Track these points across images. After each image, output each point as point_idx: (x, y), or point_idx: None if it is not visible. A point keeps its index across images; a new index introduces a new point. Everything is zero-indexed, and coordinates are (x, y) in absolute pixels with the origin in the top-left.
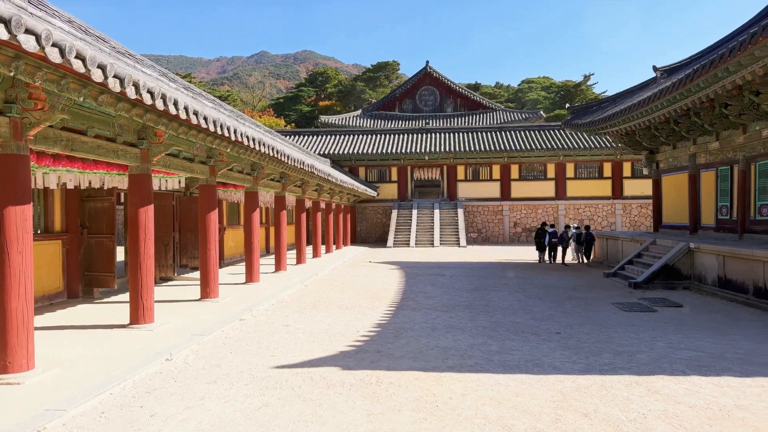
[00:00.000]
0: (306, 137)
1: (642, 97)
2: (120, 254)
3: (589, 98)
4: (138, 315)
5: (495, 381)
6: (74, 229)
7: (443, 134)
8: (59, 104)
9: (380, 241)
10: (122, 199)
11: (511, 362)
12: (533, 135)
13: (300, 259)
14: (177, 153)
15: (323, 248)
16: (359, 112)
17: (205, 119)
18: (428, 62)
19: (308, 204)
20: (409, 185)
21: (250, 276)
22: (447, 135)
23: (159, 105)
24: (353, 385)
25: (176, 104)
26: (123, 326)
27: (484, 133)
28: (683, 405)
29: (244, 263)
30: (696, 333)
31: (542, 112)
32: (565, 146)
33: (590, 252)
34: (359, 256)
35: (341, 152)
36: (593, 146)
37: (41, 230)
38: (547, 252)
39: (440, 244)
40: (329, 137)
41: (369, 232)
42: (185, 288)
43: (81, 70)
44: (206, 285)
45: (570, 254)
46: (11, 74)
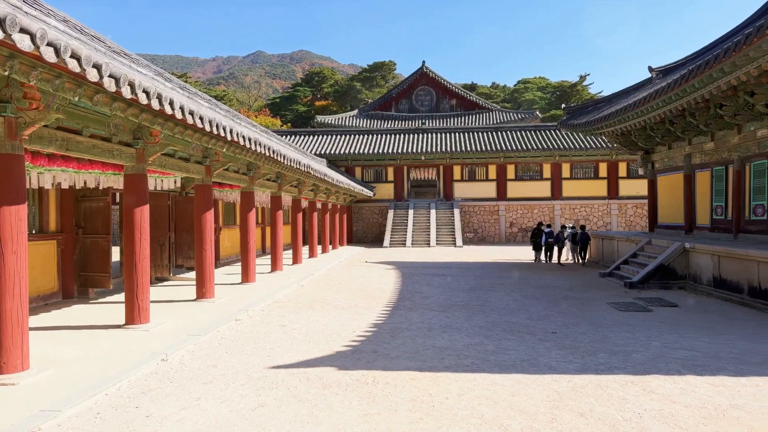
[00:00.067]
0: (302, 137)
1: (637, 98)
2: (115, 254)
3: (585, 98)
4: (133, 315)
5: (491, 381)
6: (69, 229)
7: (439, 134)
8: (54, 104)
9: (376, 241)
10: (118, 199)
11: (508, 362)
12: (529, 135)
13: (296, 259)
14: (173, 153)
15: (319, 248)
16: (355, 112)
17: (201, 119)
18: (424, 62)
19: (304, 204)
20: (406, 185)
21: (246, 276)
22: (443, 135)
23: (155, 105)
24: (349, 385)
25: (172, 104)
26: (118, 326)
27: (481, 134)
28: (679, 404)
29: (240, 263)
30: (691, 333)
31: (538, 113)
32: (561, 146)
33: (585, 252)
34: (355, 256)
35: (337, 152)
36: (589, 146)
37: (36, 230)
38: (544, 252)
39: (436, 244)
40: (325, 137)
41: (365, 232)
42: (181, 288)
43: (76, 70)
44: (202, 285)
45: (565, 254)
46: (6, 74)
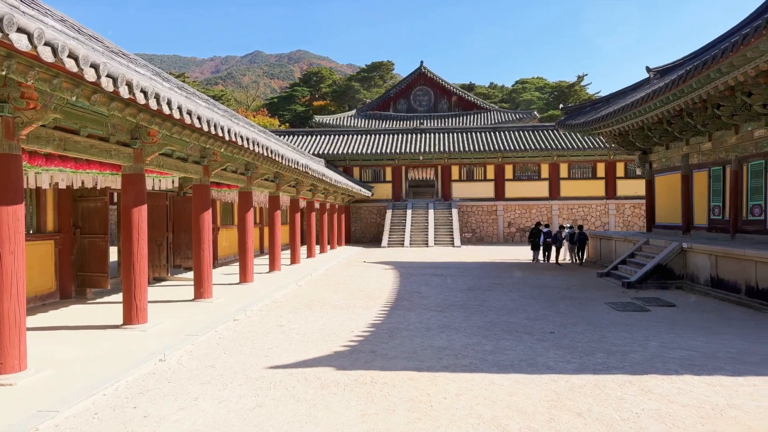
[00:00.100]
0: (300, 137)
1: (635, 98)
2: (113, 254)
3: (583, 99)
4: (131, 315)
5: (489, 381)
6: (67, 229)
7: (437, 134)
8: (52, 103)
9: (375, 241)
10: (115, 199)
11: (506, 362)
12: (527, 135)
13: (294, 259)
14: (170, 153)
15: (317, 248)
16: (353, 112)
17: (199, 119)
18: (422, 62)
19: (302, 204)
20: (404, 185)
21: (244, 276)
22: (441, 135)
23: (152, 104)
24: (347, 386)
25: (170, 104)
26: (116, 327)
27: (479, 134)
28: (676, 404)
29: (238, 263)
30: (689, 332)
31: (536, 113)
32: (559, 146)
33: (583, 252)
34: (353, 256)
35: (336, 152)
36: (587, 147)
37: (33, 230)
38: (542, 252)
39: (435, 244)
40: (323, 137)
41: (363, 232)
42: (179, 288)
43: (74, 70)
44: (200, 285)
45: (563, 254)
46: (3, 73)
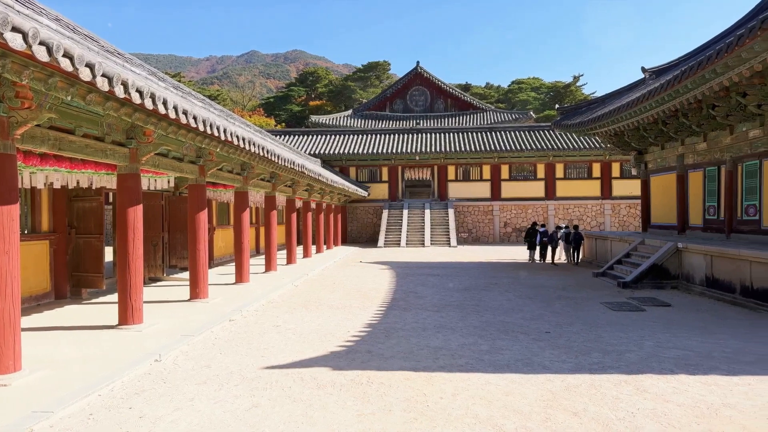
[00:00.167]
0: (296, 137)
1: (630, 98)
2: (108, 254)
3: (579, 99)
4: (127, 316)
5: (485, 380)
6: (62, 229)
7: (434, 134)
8: (46, 103)
9: (371, 242)
10: (111, 199)
11: (502, 362)
12: (523, 135)
13: (290, 260)
14: (166, 152)
15: (314, 248)
16: (350, 112)
17: (195, 119)
18: (419, 62)
19: (299, 204)
20: (400, 185)
21: (240, 276)
22: (438, 135)
23: (148, 104)
24: (344, 386)
25: (165, 103)
26: (111, 327)
27: (475, 134)
28: (671, 403)
29: (234, 263)
30: (684, 332)
31: (532, 113)
32: (555, 147)
33: (579, 252)
34: (350, 256)
35: (332, 152)
36: (582, 147)
37: (28, 230)
38: (538, 251)
39: (431, 244)
40: (320, 137)
41: (360, 232)
42: (174, 288)
43: (69, 69)
44: (196, 285)
45: (559, 254)
46: None
